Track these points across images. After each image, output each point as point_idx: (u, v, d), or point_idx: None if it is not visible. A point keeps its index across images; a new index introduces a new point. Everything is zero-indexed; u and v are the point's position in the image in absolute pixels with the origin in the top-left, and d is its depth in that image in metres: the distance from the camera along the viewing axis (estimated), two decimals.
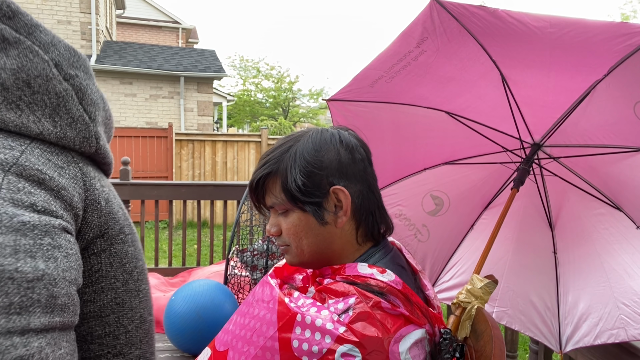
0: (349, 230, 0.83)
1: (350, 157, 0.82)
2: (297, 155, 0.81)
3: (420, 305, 0.77)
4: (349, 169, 0.82)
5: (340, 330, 0.69)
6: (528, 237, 1.78)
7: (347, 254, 0.84)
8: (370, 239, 0.85)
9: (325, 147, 0.81)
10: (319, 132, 0.85)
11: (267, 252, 2.59)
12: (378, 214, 0.85)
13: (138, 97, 10.55)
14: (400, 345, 0.70)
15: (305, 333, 0.70)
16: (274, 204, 0.83)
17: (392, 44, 1.50)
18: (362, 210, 0.83)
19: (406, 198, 1.87)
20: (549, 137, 1.58)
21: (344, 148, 0.82)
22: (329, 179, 0.80)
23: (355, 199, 0.82)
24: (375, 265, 0.79)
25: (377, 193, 0.86)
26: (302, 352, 0.69)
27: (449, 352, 0.77)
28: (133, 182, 3.46)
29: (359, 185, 0.83)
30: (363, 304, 0.72)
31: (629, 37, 1.19)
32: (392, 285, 0.75)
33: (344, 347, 0.68)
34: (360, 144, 0.86)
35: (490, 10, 1.29)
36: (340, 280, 0.77)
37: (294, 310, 0.73)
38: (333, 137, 0.83)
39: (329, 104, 1.72)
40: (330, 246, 0.83)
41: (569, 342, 1.60)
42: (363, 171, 0.84)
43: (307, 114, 23.06)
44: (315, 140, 0.82)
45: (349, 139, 0.85)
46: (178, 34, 17.06)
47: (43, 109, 0.52)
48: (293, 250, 0.84)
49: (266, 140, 8.69)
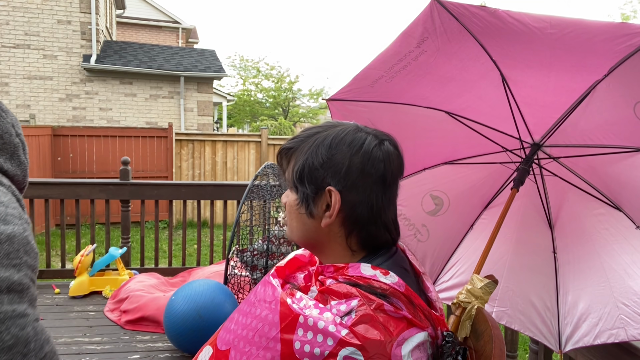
0: (338, 233, 0.83)
1: (360, 168, 0.80)
2: (315, 144, 0.83)
3: (423, 308, 0.76)
4: (352, 177, 0.80)
5: (343, 333, 0.69)
6: (528, 237, 1.78)
7: (337, 255, 0.84)
8: (364, 249, 0.84)
9: (339, 149, 0.81)
10: (347, 131, 0.83)
11: (267, 252, 2.59)
12: (373, 229, 0.82)
13: (138, 97, 10.55)
14: (402, 348, 0.70)
15: (307, 335, 0.70)
16: (286, 178, 0.88)
17: (392, 44, 1.50)
18: (352, 221, 0.82)
19: (406, 198, 1.87)
20: (549, 137, 1.58)
21: (359, 156, 0.80)
22: (327, 178, 0.81)
23: (347, 208, 0.81)
24: (379, 267, 0.79)
25: (377, 210, 0.82)
26: (303, 354, 0.69)
27: (451, 355, 0.77)
28: (133, 182, 3.46)
29: (359, 196, 0.81)
30: (366, 307, 0.71)
31: (629, 37, 1.19)
32: (395, 288, 0.75)
33: (346, 350, 0.67)
34: (388, 157, 0.82)
35: (490, 11, 1.29)
36: (342, 281, 0.77)
37: (297, 311, 0.72)
38: (354, 142, 0.81)
39: (329, 103, 1.72)
40: (317, 239, 0.85)
41: (568, 341, 1.60)
42: (369, 185, 0.81)
43: (307, 114, 23.07)
44: (337, 137, 0.82)
45: (373, 149, 0.81)
46: (178, 34, 17.07)
47: (6, 154, 0.72)
48: (287, 227, 0.90)
49: (266, 140, 8.69)
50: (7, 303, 0.52)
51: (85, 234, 6.90)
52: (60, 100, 10.04)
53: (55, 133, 7.84)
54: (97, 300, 3.01)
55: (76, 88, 10.13)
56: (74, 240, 5.00)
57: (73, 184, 3.48)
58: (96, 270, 3.17)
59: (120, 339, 2.45)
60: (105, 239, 3.52)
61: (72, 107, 10.11)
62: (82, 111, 10.16)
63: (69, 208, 6.63)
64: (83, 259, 3.08)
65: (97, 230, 6.28)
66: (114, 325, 2.62)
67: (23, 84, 9.84)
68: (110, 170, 7.95)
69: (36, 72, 9.91)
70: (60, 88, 10.03)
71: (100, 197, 3.44)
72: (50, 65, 9.97)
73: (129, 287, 2.89)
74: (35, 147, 7.18)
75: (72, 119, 10.06)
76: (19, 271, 0.56)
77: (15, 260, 0.56)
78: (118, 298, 2.83)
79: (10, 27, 9.72)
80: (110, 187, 3.44)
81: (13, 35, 9.75)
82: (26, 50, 9.83)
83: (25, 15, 9.79)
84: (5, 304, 0.52)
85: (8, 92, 9.75)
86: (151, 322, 2.58)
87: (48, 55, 9.95)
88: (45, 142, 7.54)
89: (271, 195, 2.68)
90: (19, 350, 0.52)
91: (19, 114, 9.70)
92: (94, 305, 2.92)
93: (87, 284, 3.10)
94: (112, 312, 2.75)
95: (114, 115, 10.39)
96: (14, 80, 9.80)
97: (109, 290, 3.07)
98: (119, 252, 3.21)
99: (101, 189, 3.43)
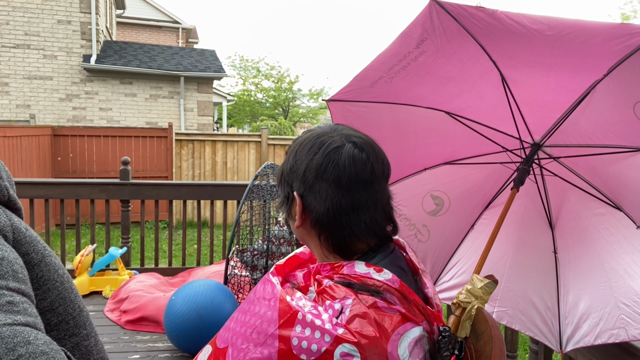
0: (314, 235, 0.85)
1: (314, 171, 0.81)
2: (291, 150, 0.88)
3: (418, 303, 0.77)
4: (310, 181, 0.81)
5: (339, 331, 0.69)
6: (528, 237, 1.78)
7: (320, 256, 0.86)
8: (335, 252, 0.83)
9: (302, 153, 0.84)
10: (313, 136, 0.85)
11: (267, 252, 2.59)
12: (339, 233, 0.81)
13: (138, 97, 10.55)
14: (399, 344, 0.71)
15: (305, 331, 0.70)
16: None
17: (392, 45, 1.50)
18: (317, 224, 0.82)
19: (406, 198, 1.87)
20: (549, 137, 1.58)
21: (315, 160, 0.81)
22: (292, 183, 0.85)
23: (309, 211, 0.83)
24: (373, 265, 0.79)
25: (336, 214, 0.80)
26: (301, 350, 0.69)
27: (448, 349, 0.77)
28: (133, 182, 3.46)
29: (315, 200, 0.81)
30: (360, 305, 0.72)
31: (628, 37, 1.19)
32: (389, 284, 0.76)
33: (342, 346, 0.68)
34: (351, 159, 0.80)
35: (489, 12, 1.29)
36: (337, 280, 0.78)
37: (295, 308, 0.73)
38: (314, 146, 0.83)
39: (329, 104, 1.72)
40: (302, 239, 0.89)
41: (569, 342, 1.60)
42: (325, 189, 0.80)
43: (307, 114, 23.07)
44: (303, 142, 0.86)
45: (329, 153, 0.81)
46: (178, 34, 17.06)
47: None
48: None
49: (266, 140, 8.69)
50: None
51: (85, 234, 6.90)
52: (60, 100, 10.04)
53: (55, 133, 7.85)
54: (97, 300, 3.01)
55: (76, 88, 10.13)
56: (74, 240, 5.00)
57: (73, 184, 3.48)
58: (96, 270, 3.17)
59: (120, 339, 2.45)
60: (105, 239, 3.52)
61: (72, 107, 10.11)
62: (82, 111, 10.16)
63: (69, 208, 6.63)
64: (83, 259, 3.08)
65: (97, 230, 6.28)
66: (114, 325, 2.62)
67: (23, 84, 9.84)
68: (110, 170, 7.95)
69: (36, 72, 9.91)
70: (60, 88, 10.03)
71: (100, 197, 3.44)
72: (50, 65, 9.97)
73: (129, 287, 2.89)
74: (35, 147, 7.19)
75: (72, 119, 10.06)
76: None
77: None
78: (118, 298, 2.83)
79: (10, 27, 9.72)
80: (110, 187, 3.44)
81: (13, 35, 9.75)
82: (26, 50, 9.83)
83: (25, 15, 9.78)
84: None
85: (8, 92, 9.75)
86: (151, 322, 2.58)
87: (48, 55, 9.95)
88: (45, 142, 7.55)
89: (271, 195, 2.68)
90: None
91: (19, 114, 9.71)
92: (94, 305, 2.92)
93: (87, 284, 3.10)
94: (112, 312, 2.76)
95: (114, 115, 10.39)
96: (14, 80, 9.80)
97: (109, 290, 3.07)
98: (119, 252, 3.21)
99: (101, 189, 3.43)
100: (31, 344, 0.56)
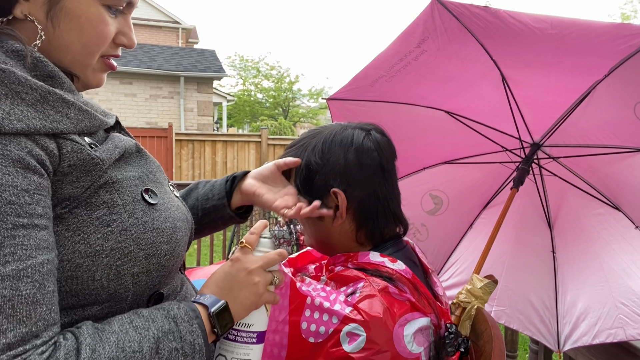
0: (348, 229, 0.85)
1: (357, 162, 0.82)
2: (307, 153, 0.84)
3: (428, 296, 0.78)
4: (352, 173, 0.82)
5: (347, 310, 0.71)
6: (527, 237, 1.78)
7: (347, 250, 0.86)
8: (371, 241, 0.86)
9: (332, 150, 0.82)
10: (334, 133, 0.84)
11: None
12: (383, 220, 0.84)
13: (138, 97, 10.55)
14: (405, 329, 0.72)
15: (314, 315, 0.72)
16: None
17: (393, 44, 1.50)
18: (362, 215, 0.84)
19: (405, 197, 1.86)
20: (549, 137, 1.58)
21: (353, 152, 0.82)
22: (329, 181, 0.82)
23: (354, 203, 0.82)
24: (387, 255, 0.81)
25: (384, 199, 0.84)
26: (309, 334, 0.72)
27: (453, 345, 0.78)
28: None
29: (363, 190, 0.82)
30: (371, 287, 0.73)
31: (630, 38, 1.19)
32: (402, 274, 0.77)
33: (349, 326, 0.70)
34: (378, 145, 0.84)
35: (491, 11, 1.29)
36: (351, 267, 0.80)
37: (304, 292, 0.75)
38: (344, 140, 0.83)
39: (329, 103, 1.72)
40: (329, 240, 0.87)
41: (567, 341, 1.61)
42: (370, 177, 0.82)
43: (307, 114, 23.05)
44: (327, 141, 0.84)
45: (364, 142, 0.83)
46: (178, 34, 17.06)
47: None
48: (304, 235, 0.92)
49: (266, 140, 8.69)
50: None
51: None
52: None
53: None
54: None
55: None
56: None
57: None
58: None
59: None
60: None
61: None
62: None
63: None
64: None
65: None
66: None
67: None
68: None
69: None
70: None
71: None
72: None
73: None
74: None
75: None
76: None
77: None
78: None
79: None
80: None
81: None
82: None
83: None
84: None
85: None
86: None
87: None
88: None
89: None
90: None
91: None
92: None
93: None
94: None
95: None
96: None
97: None
98: None
99: None
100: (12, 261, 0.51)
